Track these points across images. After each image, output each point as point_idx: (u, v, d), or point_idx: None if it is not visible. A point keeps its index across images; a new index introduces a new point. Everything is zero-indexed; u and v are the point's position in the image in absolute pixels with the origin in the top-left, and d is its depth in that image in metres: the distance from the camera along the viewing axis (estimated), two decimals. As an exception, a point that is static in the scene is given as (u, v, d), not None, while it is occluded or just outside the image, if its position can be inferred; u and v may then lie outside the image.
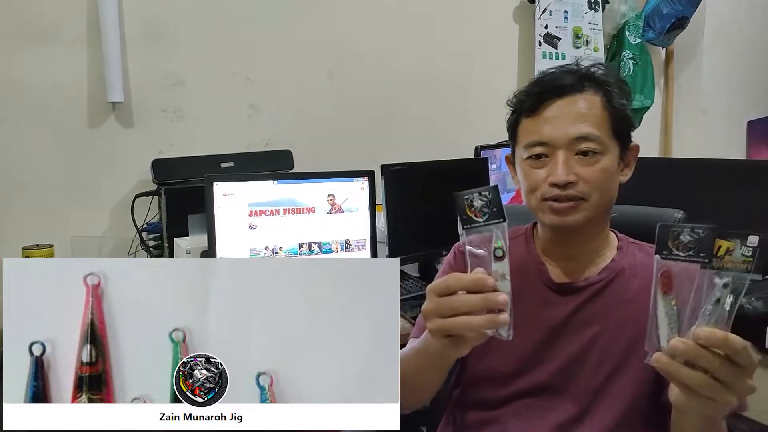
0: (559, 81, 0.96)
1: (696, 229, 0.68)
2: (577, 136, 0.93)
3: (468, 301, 0.73)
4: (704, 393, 0.66)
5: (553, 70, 1.00)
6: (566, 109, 0.95)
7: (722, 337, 0.64)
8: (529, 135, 0.97)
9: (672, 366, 0.67)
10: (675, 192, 1.69)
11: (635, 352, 0.95)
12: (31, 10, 1.72)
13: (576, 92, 0.95)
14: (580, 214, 0.95)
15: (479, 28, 2.49)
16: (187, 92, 1.94)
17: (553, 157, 0.94)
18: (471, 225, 0.75)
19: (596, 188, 0.94)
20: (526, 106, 0.98)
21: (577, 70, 0.98)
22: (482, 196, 0.74)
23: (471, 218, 0.74)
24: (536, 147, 0.95)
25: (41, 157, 1.76)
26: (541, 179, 0.95)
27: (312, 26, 2.13)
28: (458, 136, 2.36)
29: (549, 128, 0.94)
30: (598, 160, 0.94)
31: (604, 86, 0.97)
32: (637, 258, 1.02)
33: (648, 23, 2.80)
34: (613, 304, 0.99)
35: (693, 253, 0.68)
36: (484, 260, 0.74)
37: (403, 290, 1.75)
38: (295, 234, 1.71)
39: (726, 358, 0.64)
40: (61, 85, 1.77)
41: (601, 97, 0.96)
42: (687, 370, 0.66)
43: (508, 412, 1.02)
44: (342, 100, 2.22)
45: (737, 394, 0.66)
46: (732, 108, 3.14)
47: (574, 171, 0.93)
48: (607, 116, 0.96)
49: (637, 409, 0.96)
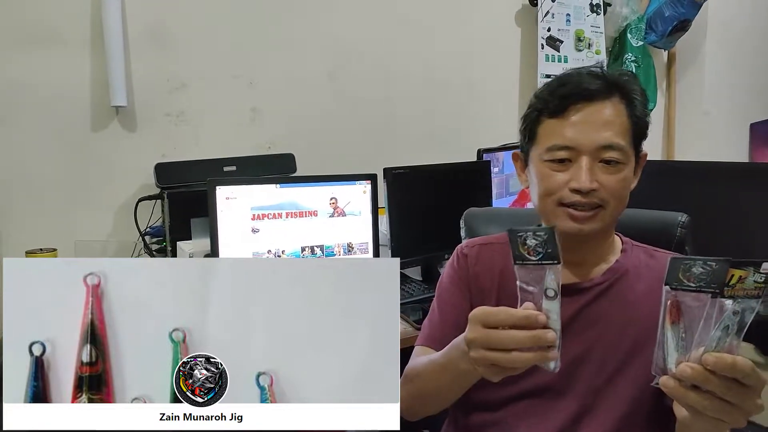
0: (587, 85, 0.94)
1: (709, 261, 0.67)
2: (604, 144, 0.92)
3: (516, 338, 0.71)
4: (712, 415, 0.66)
5: (577, 70, 0.98)
6: (594, 114, 0.93)
7: (731, 363, 0.64)
8: (552, 137, 0.95)
9: (680, 390, 0.67)
10: (678, 195, 1.68)
11: (638, 353, 0.95)
12: (35, 14, 1.73)
13: (604, 98, 0.94)
14: (597, 223, 0.94)
15: (481, 31, 2.49)
16: (189, 96, 1.95)
17: (577, 162, 0.93)
18: (523, 262, 0.73)
19: (615, 197, 0.94)
20: (551, 106, 0.95)
21: (603, 75, 0.96)
22: (537, 236, 0.72)
23: (523, 255, 0.73)
24: (560, 151, 0.94)
25: (45, 160, 1.77)
26: (561, 183, 0.94)
27: (313, 29, 2.14)
28: (460, 139, 2.36)
29: (575, 132, 0.93)
30: (621, 169, 0.93)
31: (630, 95, 0.96)
32: (642, 260, 1.02)
33: (650, 26, 2.80)
34: (616, 305, 0.99)
35: (704, 284, 0.67)
36: (536, 297, 0.73)
37: (406, 293, 1.75)
38: (298, 237, 1.71)
39: (734, 380, 0.65)
40: (64, 89, 1.78)
41: (625, 106, 0.95)
42: (694, 394, 0.66)
43: (511, 413, 1.01)
44: (344, 103, 2.22)
45: (746, 413, 0.66)
46: (735, 110, 3.13)
47: (597, 178, 0.92)
48: (630, 126, 0.95)
49: (640, 409, 0.95)
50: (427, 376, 0.96)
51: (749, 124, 3.18)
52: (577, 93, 0.93)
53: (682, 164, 2.41)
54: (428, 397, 0.99)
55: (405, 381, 1.03)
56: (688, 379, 0.66)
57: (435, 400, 0.99)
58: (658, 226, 1.17)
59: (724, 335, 0.65)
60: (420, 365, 0.99)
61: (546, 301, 0.72)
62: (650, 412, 0.95)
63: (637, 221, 1.17)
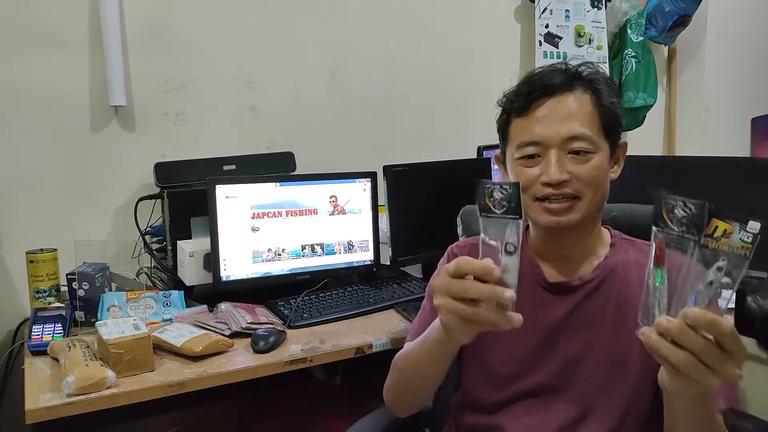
0: (548, 80, 0.96)
1: (689, 203, 0.65)
2: (569, 136, 0.93)
3: (476, 288, 0.73)
4: (687, 372, 0.65)
5: (541, 69, 1.00)
6: (557, 108, 0.95)
7: (710, 320, 0.62)
8: (520, 135, 0.97)
9: (656, 342, 0.66)
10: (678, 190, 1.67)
11: (633, 351, 0.95)
12: (33, 15, 1.72)
13: (566, 91, 0.96)
14: (574, 214, 0.95)
15: (480, 28, 2.48)
16: (188, 95, 1.95)
17: (546, 157, 0.95)
18: (487, 214, 0.75)
19: (589, 186, 0.94)
20: (516, 105, 0.98)
21: (566, 69, 0.98)
22: (503, 190, 0.74)
23: (488, 207, 0.74)
24: (528, 147, 0.96)
25: (44, 161, 1.77)
26: (534, 178, 0.95)
27: (313, 28, 2.13)
28: (460, 137, 2.36)
29: (540, 127, 0.95)
30: (590, 158, 0.94)
31: (593, 84, 0.97)
32: (630, 254, 1.02)
33: (650, 21, 2.78)
34: (609, 303, 0.99)
35: (686, 228, 0.65)
36: (495, 251, 0.74)
37: (407, 291, 1.75)
38: (298, 236, 1.71)
39: (713, 341, 0.64)
40: (63, 89, 1.77)
41: (590, 96, 0.96)
42: (670, 347, 0.65)
43: (508, 414, 1.02)
44: (343, 101, 2.22)
45: (720, 378, 0.65)
46: (736, 105, 3.12)
47: (567, 169, 0.93)
48: (597, 115, 0.96)
49: (637, 407, 0.96)
50: (411, 356, 0.99)
51: (750, 119, 3.17)
52: (539, 89, 0.96)
53: (683, 159, 2.41)
54: (410, 380, 1.02)
55: (392, 368, 1.06)
56: (664, 331, 0.65)
57: (417, 383, 1.01)
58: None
59: (707, 291, 0.63)
60: (405, 349, 1.03)
61: (505, 256, 0.74)
62: (647, 408, 0.95)
63: (635, 215, 1.18)
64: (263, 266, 1.66)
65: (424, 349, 0.93)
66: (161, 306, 1.54)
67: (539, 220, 0.97)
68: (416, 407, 1.07)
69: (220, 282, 1.61)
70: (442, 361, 0.93)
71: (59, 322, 1.42)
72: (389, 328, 1.53)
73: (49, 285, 1.57)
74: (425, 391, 1.02)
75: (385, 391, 1.08)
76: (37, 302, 1.55)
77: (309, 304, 1.62)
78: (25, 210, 1.75)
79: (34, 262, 1.56)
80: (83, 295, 1.50)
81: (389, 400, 1.08)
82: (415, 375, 1.00)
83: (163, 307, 1.54)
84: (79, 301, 1.50)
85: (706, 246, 0.64)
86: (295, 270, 1.71)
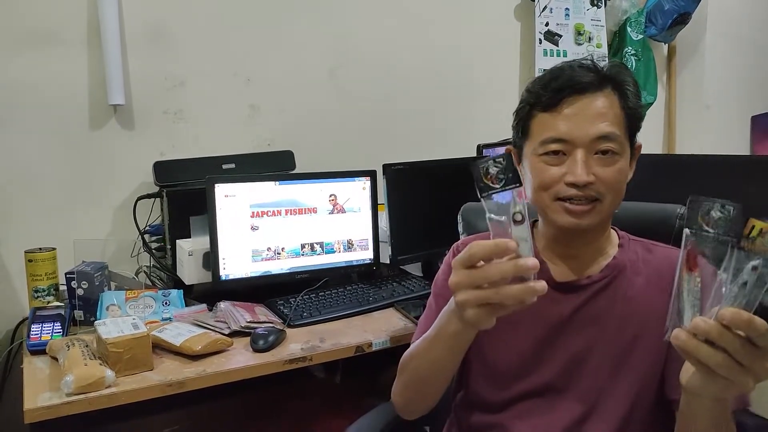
0: (579, 78, 0.93)
1: (727, 205, 0.65)
2: (598, 135, 0.91)
3: (501, 270, 0.70)
4: (722, 373, 0.65)
5: (569, 63, 0.98)
6: (587, 107, 0.92)
7: (747, 319, 0.62)
8: (545, 130, 0.94)
9: (692, 344, 0.66)
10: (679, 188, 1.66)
11: (638, 349, 0.95)
12: (32, 13, 1.72)
13: (596, 90, 0.93)
14: (594, 217, 0.94)
15: (480, 27, 2.48)
16: (188, 94, 1.94)
17: (572, 156, 0.92)
18: (489, 192, 0.73)
19: (612, 189, 0.93)
20: (543, 99, 0.95)
21: (595, 68, 0.96)
22: (497, 163, 0.72)
23: (488, 185, 0.73)
24: (554, 144, 0.93)
25: (43, 160, 1.76)
26: (557, 177, 0.93)
27: (312, 26, 2.13)
28: (460, 135, 2.35)
29: (569, 125, 0.92)
30: (616, 160, 0.93)
31: (622, 86, 0.95)
32: (639, 255, 1.02)
33: (650, 19, 2.78)
34: (615, 301, 0.98)
35: (723, 231, 0.65)
36: (505, 227, 0.72)
37: (407, 289, 1.75)
38: (297, 234, 1.70)
39: (747, 340, 0.63)
40: (62, 88, 1.77)
41: (618, 97, 0.95)
42: (707, 348, 0.65)
43: (512, 414, 1.01)
44: (343, 99, 2.21)
45: (755, 376, 0.65)
46: (735, 103, 3.12)
47: (592, 171, 0.92)
48: (624, 116, 0.95)
49: (642, 406, 0.95)
50: (421, 354, 0.96)
51: (750, 117, 3.17)
52: (570, 86, 0.93)
53: (683, 157, 2.40)
54: (423, 379, 0.99)
55: (400, 371, 1.03)
56: (701, 333, 0.65)
57: (430, 381, 0.98)
58: (657, 218, 1.16)
59: (742, 292, 0.63)
60: (412, 348, 1.00)
61: (514, 227, 0.72)
62: (652, 407, 0.95)
63: (637, 213, 1.18)
64: (263, 265, 1.66)
65: (439, 345, 0.89)
66: (160, 305, 1.54)
67: (558, 220, 0.95)
68: (427, 407, 1.05)
69: (220, 281, 1.60)
70: (458, 353, 0.91)
71: (58, 321, 1.42)
72: (389, 327, 1.53)
73: (48, 284, 1.56)
74: (438, 387, 0.99)
75: (394, 395, 1.05)
76: (36, 301, 1.55)
77: (308, 303, 1.62)
78: (24, 209, 1.74)
79: (33, 261, 1.55)
80: (82, 294, 1.50)
81: (400, 403, 1.05)
82: (428, 372, 0.96)
83: (162, 306, 1.54)
84: (78, 300, 1.50)
85: (743, 247, 0.64)
86: (295, 269, 1.71)
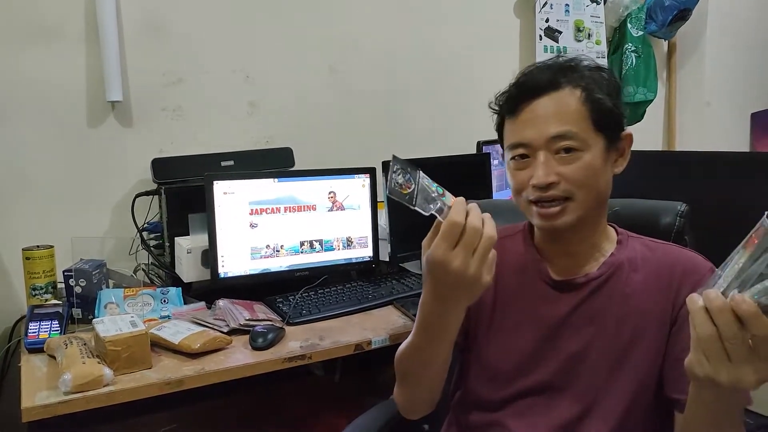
0: (533, 81, 0.95)
1: None
2: (553, 135, 0.92)
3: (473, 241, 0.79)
4: (704, 348, 0.64)
5: (532, 66, 0.99)
6: (542, 108, 0.94)
7: (753, 312, 0.60)
8: (510, 137, 0.98)
9: (696, 309, 0.65)
10: (678, 185, 1.67)
11: (636, 347, 0.95)
12: (30, 9, 1.71)
13: (552, 90, 0.94)
14: (568, 216, 0.94)
15: (480, 23, 2.47)
16: (186, 90, 1.93)
17: (534, 159, 0.94)
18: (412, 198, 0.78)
19: (580, 186, 0.93)
20: (505, 107, 0.99)
21: (552, 66, 0.96)
22: (396, 171, 0.78)
23: (410, 194, 0.78)
24: (517, 148, 0.96)
25: (41, 157, 1.75)
26: (525, 181, 0.95)
27: (312, 23, 2.12)
28: (459, 132, 2.35)
29: (527, 129, 0.94)
30: (579, 157, 0.92)
31: (579, 80, 0.94)
32: (638, 252, 1.01)
33: (650, 15, 2.78)
34: (613, 299, 0.98)
35: None
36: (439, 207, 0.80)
37: (405, 287, 1.74)
38: (297, 232, 1.70)
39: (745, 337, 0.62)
40: (60, 84, 1.76)
41: (580, 91, 0.94)
42: (704, 317, 0.64)
43: (510, 412, 1.01)
44: (342, 96, 2.20)
45: (733, 376, 0.63)
46: (735, 100, 3.11)
47: (556, 171, 0.92)
48: (586, 110, 0.93)
49: (640, 404, 0.95)
50: (407, 350, 0.97)
51: (750, 114, 3.17)
52: (525, 91, 0.95)
53: (683, 154, 2.40)
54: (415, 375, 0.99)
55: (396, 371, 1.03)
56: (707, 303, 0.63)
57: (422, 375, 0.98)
58: (658, 215, 1.16)
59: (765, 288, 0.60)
60: (401, 346, 1.00)
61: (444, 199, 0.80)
62: (650, 405, 0.95)
63: (636, 210, 1.17)
64: (261, 262, 1.65)
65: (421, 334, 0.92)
66: (159, 303, 1.53)
67: (534, 221, 0.98)
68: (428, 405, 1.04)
69: (218, 279, 1.60)
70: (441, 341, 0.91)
71: (56, 319, 1.42)
72: (388, 325, 1.52)
73: (46, 282, 1.56)
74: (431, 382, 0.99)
75: (395, 396, 1.06)
76: (34, 299, 1.54)
77: (308, 301, 1.61)
78: (22, 206, 1.74)
79: (31, 259, 1.55)
80: (80, 292, 1.50)
81: (401, 403, 1.05)
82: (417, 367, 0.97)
83: (160, 303, 1.53)
84: (76, 298, 1.49)
85: None
86: (294, 266, 1.70)
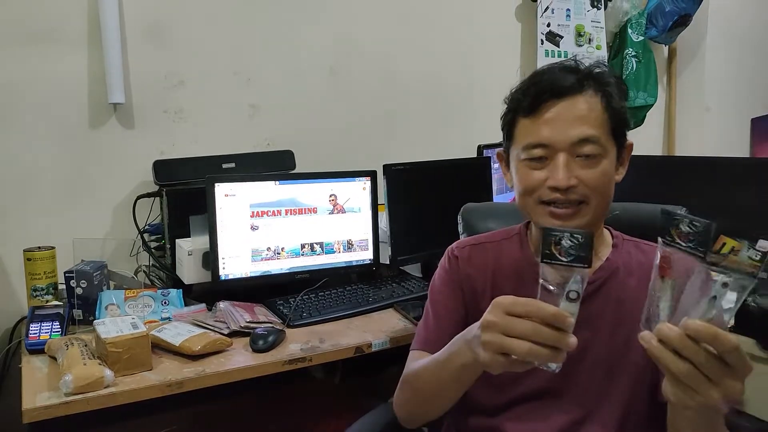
0: (559, 81, 0.93)
1: (695, 222, 0.66)
2: (579, 139, 0.91)
3: (541, 333, 0.70)
4: (687, 382, 0.65)
5: (550, 66, 0.98)
6: (567, 110, 0.92)
7: (713, 333, 0.62)
8: (527, 136, 0.95)
9: (657, 349, 0.66)
10: (678, 190, 1.67)
11: (633, 351, 0.95)
12: (32, 11, 1.71)
13: (576, 93, 0.93)
14: (580, 219, 0.93)
15: (481, 27, 2.48)
16: (188, 93, 1.94)
17: (553, 160, 0.92)
18: (551, 261, 0.73)
19: (596, 192, 0.93)
20: (524, 105, 0.95)
21: (576, 69, 0.96)
22: (573, 238, 0.71)
23: (554, 255, 0.72)
24: (536, 149, 0.94)
25: (42, 158, 1.76)
26: (540, 181, 0.94)
27: (313, 25, 2.13)
28: (460, 135, 2.36)
29: (549, 130, 0.92)
30: (599, 162, 0.93)
31: (604, 87, 0.95)
32: (633, 256, 1.01)
33: (651, 21, 2.78)
34: (607, 304, 0.98)
35: (693, 245, 0.66)
36: (555, 297, 0.72)
37: (406, 290, 1.75)
38: (297, 234, 1.70)
39: (715, 354, 0.63)
40: (62, 86, 1.76)
41: (600, 98, 0.94)
42: (671, 355, 0.65)
43: (509, 417, 1.01)
44: (344, 99, 2.21)
45: (722, 392, 0.64)
46: (736, 105, 3.12)
47: (575, 174, 0.92)
48: (607, 117, 0.94)
49: (637, 408, 0.95)
50: (427, 375, 0.96)
51: (750, 119, 3.17)
52: (549, 90, 0.93)
53: (683, 159, 2.41)
54: (427, 400, 0.99)
55: (403, 384, 1.03)
56: (665, 339, 0.65)
57: (434, 402, 0.98)
58: (656, 219, 1.16)
59: (710, 306, 0.63)
60: (419, 366, 0.99)
61: (566, 302, 0.72)
62: (647, 409, 0.95)
63: (635, 215, 1.18)
64: (262, 265, 1.66)
65: (446, 372, 0.89)
66: (159, 304, 1.53)
67: (543, 223, 0.95)
68: (430, 420, 1.05)
69: (219, 281, 1.60)
70: (465, 382, 0.91)
71: (57, 320, 1.42)
72: (389, 328, 1.52)
73: (47, 283, 1.56)
74: (442, 407, 0.99)
75: (397, 406, 1.05)
76: (35, 300, 1.55)
77: (308, 303, 1.62)
78: (23, 207, 1.74)
79: (32, 260, 1.55)
80: (81, 294, 1.50)
81: (402, 415, 1.05)
82: (432, 395, 0.96)
83: (161, 305, 1.53)
84: (77, 300, 1.49)
85: (713, 262, 0.64)
86: (295, 269, 1.70)
